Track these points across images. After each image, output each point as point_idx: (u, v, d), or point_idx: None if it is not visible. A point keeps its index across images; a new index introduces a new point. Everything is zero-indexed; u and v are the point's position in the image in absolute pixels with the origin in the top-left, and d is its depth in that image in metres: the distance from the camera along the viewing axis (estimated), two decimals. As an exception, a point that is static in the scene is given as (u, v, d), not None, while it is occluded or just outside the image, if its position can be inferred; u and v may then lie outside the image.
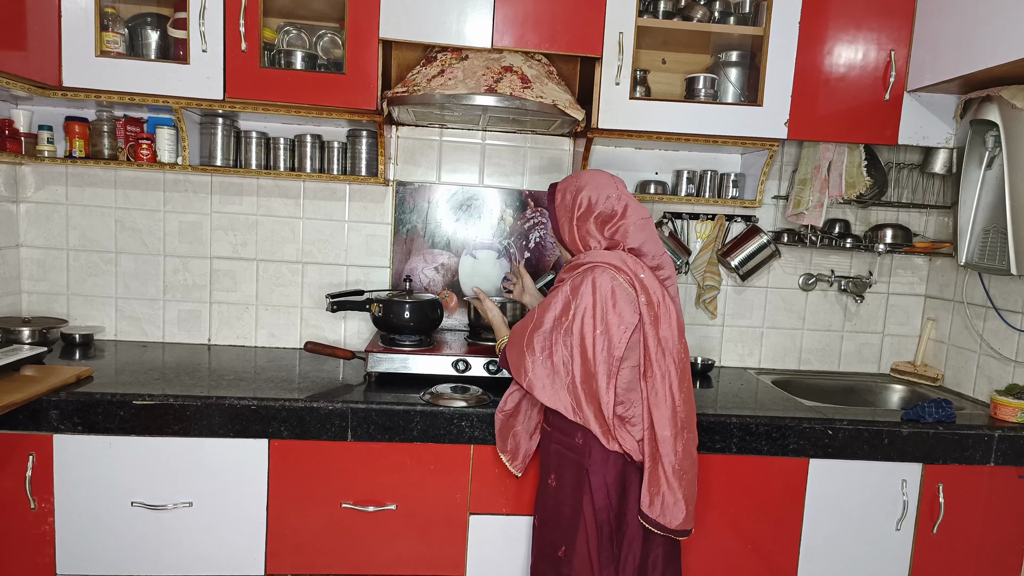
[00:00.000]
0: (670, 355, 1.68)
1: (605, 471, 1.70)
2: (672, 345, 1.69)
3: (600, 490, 1.70)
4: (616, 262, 1.68)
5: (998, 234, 2.13)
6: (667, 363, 1.67)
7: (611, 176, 1.80)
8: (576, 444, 1.72)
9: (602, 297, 1.65)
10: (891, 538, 2.11)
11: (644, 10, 2.27)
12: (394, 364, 2.14)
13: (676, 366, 1.69)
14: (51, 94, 2.13)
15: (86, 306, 2.53)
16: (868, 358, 2.78)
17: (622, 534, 1.72)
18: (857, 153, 2.42)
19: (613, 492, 1.71)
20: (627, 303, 1.66)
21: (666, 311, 1.69)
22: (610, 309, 1.65)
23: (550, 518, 1.79)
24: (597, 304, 1.64)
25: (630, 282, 1.67)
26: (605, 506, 1.70)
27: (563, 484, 1.76)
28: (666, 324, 1.69)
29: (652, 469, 1.67)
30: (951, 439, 2.05)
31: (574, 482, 1.73)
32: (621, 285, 1.66)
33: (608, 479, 1.70)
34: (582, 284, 1.66)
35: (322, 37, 2.35)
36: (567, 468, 1.75)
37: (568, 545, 1.73)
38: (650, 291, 1.67)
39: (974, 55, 1.97)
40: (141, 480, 1.92)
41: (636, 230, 1.74)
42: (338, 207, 2.56)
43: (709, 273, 2.60)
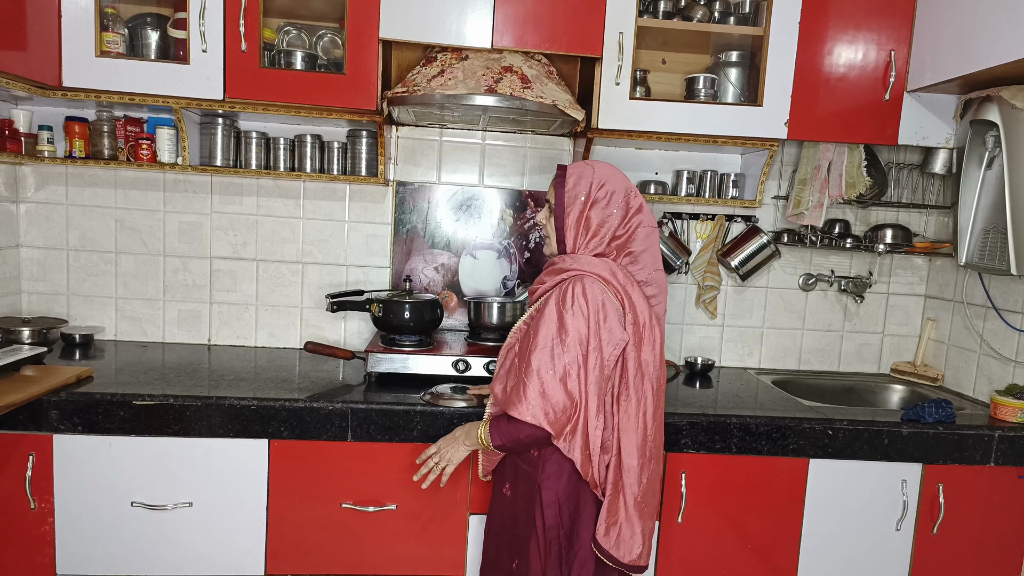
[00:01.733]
0: (648, 380, 1.59)
1: (558, 487, 1.61)
2: (652, 370, 1.59)
3: (552, 506, 1.61)
4: (606, 274, 1.57)
5: (998, 234, 2.13)
6: (645, 388, 1.58)
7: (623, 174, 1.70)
8: (531, 457, 1.65)
9: (594, 310, 1.53)
10: (891, 538, 2.11)
11: (644, 10, 2.27)
12: (394, 364, 2.14)
13: (653, 392, 1.60)
14: (51, 94, 2.13)
15: (86, 306, 2.53)
16: (868, 358, 2.78)
17: (573, 554, 1.63)
18: (857, 153, 2.42)
19: (565, 510, 1.62)
20: (616, 319, 1.55)
21: (650, 333, 1.59)
22: (602, 323, 1.54)
23: (505, 528, 1.73)
24: (591, 318, 1.53)
25: (618, 297, 1.57)
26: (556, 524, 1.61)
27: (517, 496, 1.69)
28: (648, 347, 1.59)
29: (613, 498, 1.58)
30: (951, 439, 2.05)
31: (527, 495, 1.65)
32: (610, 299, 1.56)
33: (560, 496, 1.61)
34: (572, 295, 1.54)
35: (322, 37, 2.35)
36: (521, 480, 1.68)
37: (522, 559, 1.66)
38: (637, 310, 1.58)
39: (974, 55, 1.97)
40: (141, 480, 1.92)
41: (642, 237, 1.64)
42: (338, 207, 2.56)
43: (709, 273, 2.60)
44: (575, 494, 1.63)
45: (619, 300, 1.57)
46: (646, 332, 1.58)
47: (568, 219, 1.62)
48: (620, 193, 1.62)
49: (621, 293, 1.57)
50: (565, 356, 1.52)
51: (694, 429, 2.01)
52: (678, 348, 2.72)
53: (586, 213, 1.61)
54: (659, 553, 2.06)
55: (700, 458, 2.03)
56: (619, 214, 1.61)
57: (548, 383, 1.51)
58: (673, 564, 2.06)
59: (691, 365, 2.63)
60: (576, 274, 1.57)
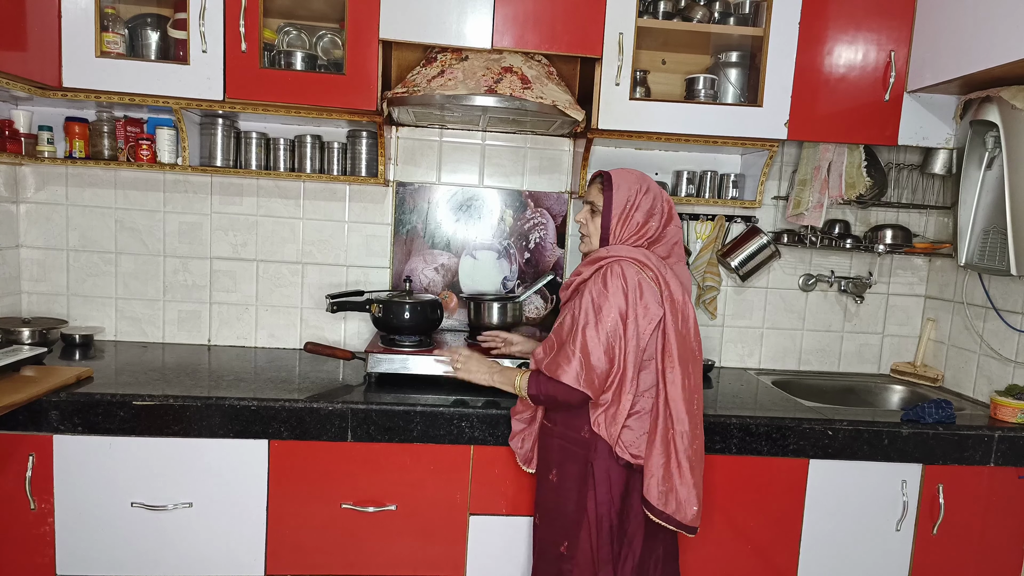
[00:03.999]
0: (689, 353, 1.70)
1: (610, 466, 1.70)
2: (691, 344, 1.72)
3: (604, 484, 1.70)
4: (641, 257, 1.70)
5: (998, 234, 2.13)
6: (687, 358, 1.70)
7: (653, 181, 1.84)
8: (582, 438, 1.72)
9: (632, 287, 1.66)
10: (891, 538, 2.11)
11: (644, 10, 2.27)
12: (394, 365, 2.14)
13: (694, 362, 1.72)
14: (51, 94, 2.13)
15: (86, 306, 2.53)
16: (868, 358, 2.78)
17: (623, 531, 1.72)
18: (857, 153, 2.42)
19: (617, 488, 1.70)
20: (652, 296, 1.68)
21: (685, 309, 1.72)
22: (638, 300, 1.66)
23: (551, 514, 1.79)
24: (629, 295, 1.65)
25: (654, 278, 1.69)
26: (607, 500, 1.70)
27: (565, 479, 1.75)
28: (684, 322, 1.71)
29: (666, 464, 1.67)
30: (951, 439, 2.05)
31: (578, 477, 1.73)
32: (646, 279, 1.68)
33: (612, 475, 1.70)
34: (610, 276, 1.67)
35: (322, 38, 2.35)
36: (570, 463, 1.75)
37: (571, 541, 1.73)
38: (672, 289, 1.70)
39: (974, 55, 1.97)
40: (141, 480, 1.92)
41: (671, 235, 1.78)
42: (338, 207, 2.57)
43: (709, 273, 2.60)
44: (626, 472, 1.71)
45: (655, 280, 1.69)
46: (681, 308, 1.71)
47: (614, 221, 1.76)
48: (660, 198, 1.78)
49: (656, 273, 1.69)
50: (607, 328, 1.65)
51: (694, 429, 2.01)
52: (678, 348, 2.72)
53: (632, 215, 1.75)
54: (659, 553, 2.06)
55: (700, 458, 2.03)
56: (658, 216, 1.76)
57: (593, 352, 1.64)
58: (673, 564, 2.06)
59: (691, 365, 2.63)
60: (614, 259, 1.70)
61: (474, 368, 1.91)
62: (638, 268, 1.69)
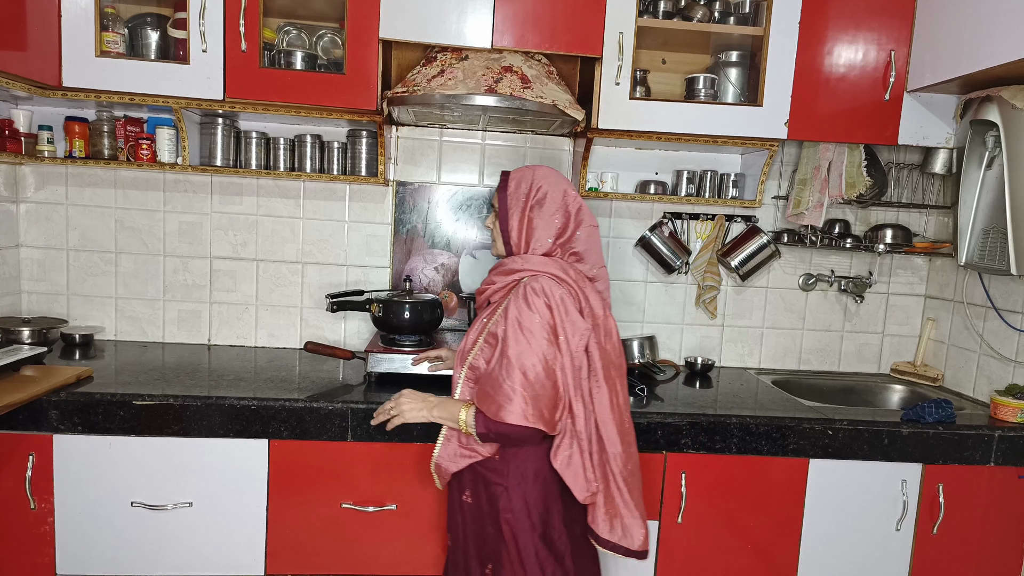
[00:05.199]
0: (614, 368, 1.62)
1: (524, 490, 1.61)
2: (615, 359, 1.63)
3: (520, 511, 1.60)
4: (558, 272, 1.60)
5: (998, 234, 2.13)
6: (612, 376, 1.61)
7: (565, 177, 1.74)
8: (494, 461, 1.63)
9: (556, 303, 1.55)
10: (891, 538, 2.11)
11: (644, 10, 2.27)
12: (394, 364, 2.14)
13: (620, 380, 1.63)
14: (51, 94, 2.13)
15: (86, 306, 2.53)
16: (868, 358, 2.78)
17: (552, 554, 1.63)
18: (857, 153, 2.42)
19: (535, 513, 1.61)
20: (576, 311, 1.58)
21: (606, 323, 1.63)
22: (564, 316, 1.56)
23: (470, 538, 1.70)
24: (555, 311, 1.55)
25: (572, 292, 1.60)
26: (528, 527, 1.61)
27: (480, 502, 1.66)
28: (607, 337, 1.62)
29: (606, 490, 1.59)
30: (951, 439, 2.05)
31: (491, 500, 1.64)
32: (567, 294, 1.58)
33: (528, 500, 1.61)
34: (531, 294, 1.55)
35: (322, 37, 2.35)
36: (482, 486, 1.66)
37: (495, 565, 1.65)
38: (592, 303, 1.62)
39: (974, 55, 1.97)
40: (141, 480, 1.92)
41: (585, 236, 1.68)
42: (338, 207, 2.56)
43: (709, 273, 2.60)
44: (543, 495, 1.62)
45: (573, 295, 1.60)
46: (603, 323, 1.62)
47: (511, 221, 1.67)
48: (558, 195, 1.66)
49: (575, 288, 1.60)
50: (542, 350, 1.52)
51: (694, 429, 2.01)
52: (678, 348, 2.72)
53: (527, 215, 1.65)
54: (659, 553, 2.06)
55: (700, 458, 2.03)
56: (560, 215, 1.65)
57: (535, 382, 1.51)
58: (673, 564, 2.07)
59: (691, 365, 2.63)
60: (531, 274, 1.60)
61: (407, 407, 1.68)
62: (557, 283, 1.58)
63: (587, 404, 1.59)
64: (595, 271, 1.69)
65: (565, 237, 1.66)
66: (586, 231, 1.68)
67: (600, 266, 1.71)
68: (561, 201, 1.66)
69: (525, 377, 1.51)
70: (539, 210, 1.64)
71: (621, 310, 2.68)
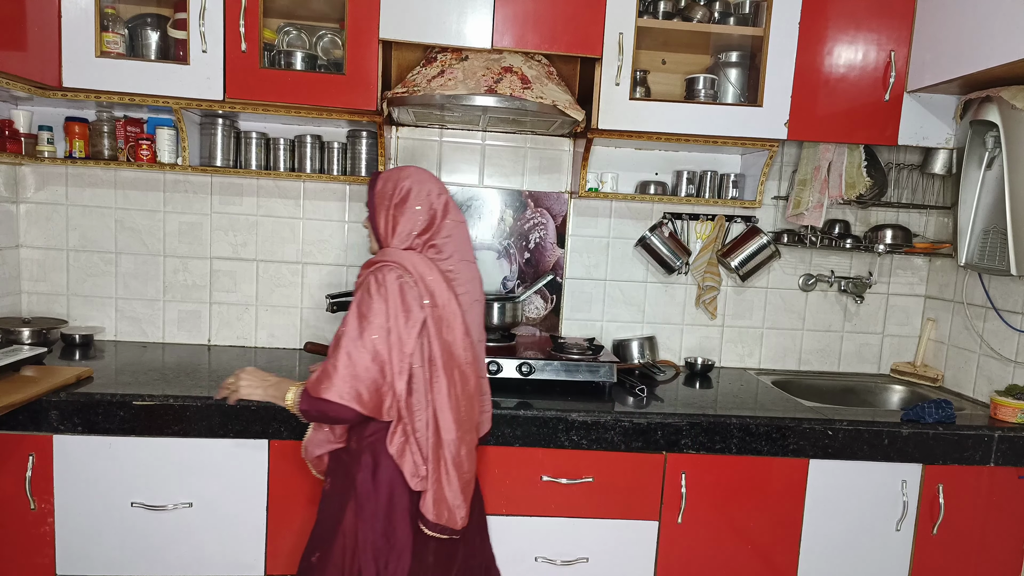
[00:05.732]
0: (456, 360, 1.64)
1: (373, 479, 1.62)
2: (459, 351, 1.65)
3: (366, 499, 1.62)
4: (406, 262, 1.63)
5: (998, 234, 2.13)
6: (452, 367, 1.63)
7: (434, 176, 1.77)
8: (349, 448, 1.66)
9: (391, 293, 1.58)
10: (891, 538, 2.11)
11: (644, 10, 2.27)
12: (394, 364, 2.14)
13: (460, 372, 1.64)
14: (51, 94, 2.13)
15: (86, 306, 2.53)
16: (868, 358, 2.78)
17: (390, 549, 1.63)
18: (857, 153, 2.42)
19: (382, 505, 1.62)
20: (415, 301, 1.60)
21: (452, 315, 1.64)
22: (399, 305, 1.58)
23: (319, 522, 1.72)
24: (389, 300, 1.58)
25: (415, 282, 1.61)
26: (369, 516, 1.62)
27: (333, 488, 1.69)
28: (448, 329, 1.64)
29: (437, 477, 1.60)
30: (951, 439, 2.05)
31: (343, 488, 1.66)
32: (408, 282, 1.60)
33: (380, 490, 1.62)
34: (372, 283, 1.60)
35: (322, 38, 2.35)
36: (339, 474, 1.68)
37: (323, 552, 1.65)
38: (435, 294, 1.63)
39: (974, 55, 1.97)
40: (141, 480, 1.92)
41: (447, 231, 1.71)
42: (338, 207, 2.57)
43: (709, 274, 2.60)
44: (390, 487, 1.62)
45: (416, 285, 1.62)
46: (447, 313, 1.64)
47: (378, 219, 1.72)
48: (422, 193, 1.70)
49: (419, 279, 1.62)
50: (371, 337, 1.56)
51: (694, 429, 2.01)
52: (678, 348, 2.72)
53: (391, 212, 1.70)
54: (659, 553, 2.06)
55: (700, 458, 2.03)
56: (424, 211, 1.69)
57: (358, 363, 1.55)
58: (673, 564, 2.07)
59: (691, 365, 2.63)
60: (380, 264, 1.64)
61: (244, 383, 1.71)
62: (401, 272, 1.60)
63: (426, 393, 1.61)
64: (454, 265, 1.71)
65: (429, 233, 1.70)
66: (450, 226, 1.72)
67: (464, 260, 1.74)
68: (425, 198, 1.70)
69: (349, 358, 1.55)
70: (402, 207, 1.69)
71: (621, 310, 2.68)
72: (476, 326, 1.76)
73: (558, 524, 2.03)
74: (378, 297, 1.58)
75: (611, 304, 2.68)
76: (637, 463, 2.02)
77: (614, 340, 2.65)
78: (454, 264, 1.72)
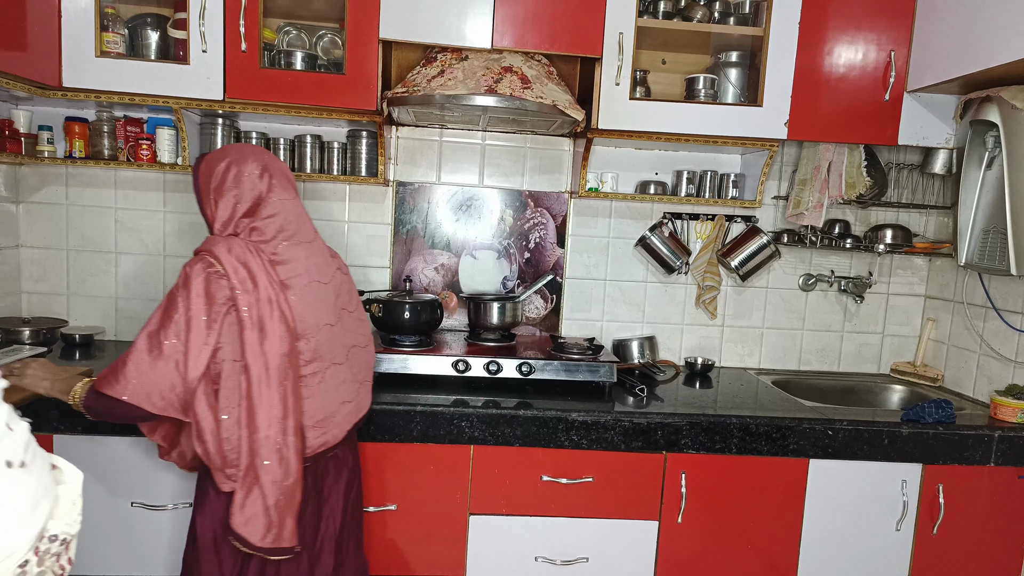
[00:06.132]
0: (274, 354, 1.50)
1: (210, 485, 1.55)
2: (277, 343, 1.51)
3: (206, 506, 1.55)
4: (219, 251, 1.51)
5: (998, 234, 2.13)
6: (270, 361, 1.50)
7: (262, 152, 1.64)
8: (195, 453, 1.56)
9: (194, 287, 1.47)
10: (891, 538, 2.11)
11: (644, 10, 2.27)
12: (394, 364, 2.14)
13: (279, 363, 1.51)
14: (51, 94, 2.13)
15: (86, 306, 2.53)
16: (868, 358, 2.78)
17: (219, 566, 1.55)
18: (857, 153, 2.42)
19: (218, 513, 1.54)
20: (220, 292, 1.48)
21: (275, 307, 1.51)
22: (203, 299, 1.47)
23: None
24: (191, 293, 1.47)
25: (226, 274, 1.49)
26: (209, 525, 1.54)
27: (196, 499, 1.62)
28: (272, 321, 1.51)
29: (246, 477, 1.48)
30: (951, 439, 2.05)
31: (197, 495, 1.60)
32: (215, 274, 1.49)
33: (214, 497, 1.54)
34: (181, 275, 1.51)
35: (322, 37, 2.35)
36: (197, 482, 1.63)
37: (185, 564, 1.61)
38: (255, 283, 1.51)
39: (974, 55, 1.97)
40: (141, 480, 1.92)
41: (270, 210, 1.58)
42: (338, 207, 2.56)
43: (709, 273, 2.60)
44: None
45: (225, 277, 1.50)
46: (263, 306, 1.51)
47: (203, 203, 1.61)
48: (243, 171, 1.58)
49: (229, 267, 1.50)
50: (169, 332, 1.46)
51: (694, 429, 2.01)
52: (678, 348, 2.72)
53: (212, 195, 1.59)
54: (659, 553, 2.06)
55: (700, 458, 2.03)
56: (246, 191, 1.57)
57: (152, 360, 1.45)
58: (673, 564, 2.07)
59: (691, 365, 2.63)
60: (197, 254, 1.54)
61: (31, 372, 1.61)
62: (211, 262, 1.50)
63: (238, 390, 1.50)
64: (280, 247, 1.58)
65: (252, 217, 1.57)
66: (275, 204, 1.58)
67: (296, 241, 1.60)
68: (246, 178, 1.57)
69: (142, 354, 1.45)
70: (221, 190, 1.57)
71: (621, 310, 2.69)
72: (325, 310, 1.62)
73: (558, 524, 2.03)
74: (183, 290, 1.48)
75: (611, 304, 2.68)
76: (637, 463, 2.02)
77: (614, 340, 2.65)
78: (280, 246, 1.58)
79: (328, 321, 1.63)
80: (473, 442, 1.97)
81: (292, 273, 1.58)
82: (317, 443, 1.61)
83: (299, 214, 1.64)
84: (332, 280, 1.67)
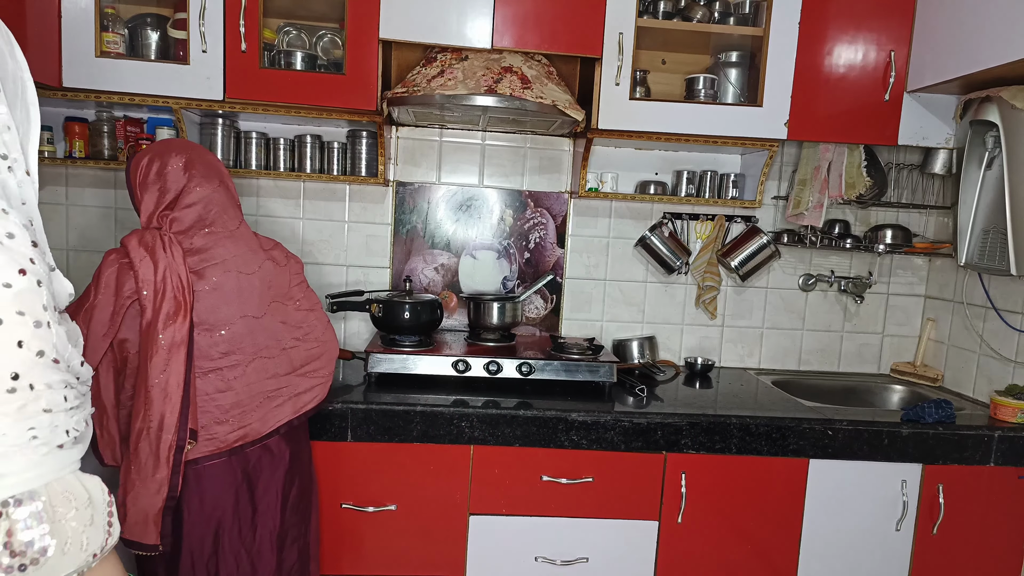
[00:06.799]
0: (180, 344, 1.50)
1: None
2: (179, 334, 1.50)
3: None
4: (131, 244, 1.53)
5: (998, 234, 2.13)
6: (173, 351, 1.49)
7: (189, 146, 1.66)
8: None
9: (104, 277, 1.52)
10: (891, 538, 2.11)
11: (644, 10, 2.27)
12: (394, 364, 2.14)
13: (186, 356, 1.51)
14: (51, 94, 2.13)
15: (86, 306, 2.52)
16: (868, 358, 2.78)
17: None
18: (857, 153, 2.42)
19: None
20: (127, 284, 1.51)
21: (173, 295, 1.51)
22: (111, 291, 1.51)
23: None
24: (99, 285, 1.52)
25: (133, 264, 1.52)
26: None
27: None
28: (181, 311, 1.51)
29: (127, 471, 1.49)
30: (951, 439, 2.05)
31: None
32: (125, 264, 1.52)
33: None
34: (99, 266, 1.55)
35: (322, 38, 2.35)
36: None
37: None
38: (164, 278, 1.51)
39: (974, 55, 1.97)
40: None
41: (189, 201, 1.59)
42: (338, 207, 2.56)
43: (709, 273, 2.60)
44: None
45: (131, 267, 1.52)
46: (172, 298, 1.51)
47: (134, 197, 1.64)
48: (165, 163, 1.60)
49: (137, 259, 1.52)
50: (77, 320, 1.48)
51: (694, 429, 2.01)
52: (678, 348, 2.72)
53: (138, 192, 1.62)
54: (659, 553, 2.06)
55: (700, 458, 2.03)
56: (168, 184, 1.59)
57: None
58: (673, 564, 2.07)
59: (691, 365, 2.63)
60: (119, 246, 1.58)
61: None
62: (122, 255, 1.53)
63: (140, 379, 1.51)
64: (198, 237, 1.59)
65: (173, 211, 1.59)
66: (196, 194, 1.60)
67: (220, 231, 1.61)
68: (170, 170, 1.59)
69: None
70: (145, 184, 1.60)
71: (621, 310, 2.69)
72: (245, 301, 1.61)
73: (558, 524, 2.03)
74: (94, 281, 1.54)
75: (611, 304, 2.68)
76: (637, 463, 2.02)
77: (614, 340, 2.65)
78: (197, 236, 1.58)
79: (250, 313, 1.62)
80: (473, 442, 1.97)
81: (207, 263, 1.58)
82: (232, 437, 1.60)
83: (222, 203, 1.64)
84: (259, 271, 1.66)
